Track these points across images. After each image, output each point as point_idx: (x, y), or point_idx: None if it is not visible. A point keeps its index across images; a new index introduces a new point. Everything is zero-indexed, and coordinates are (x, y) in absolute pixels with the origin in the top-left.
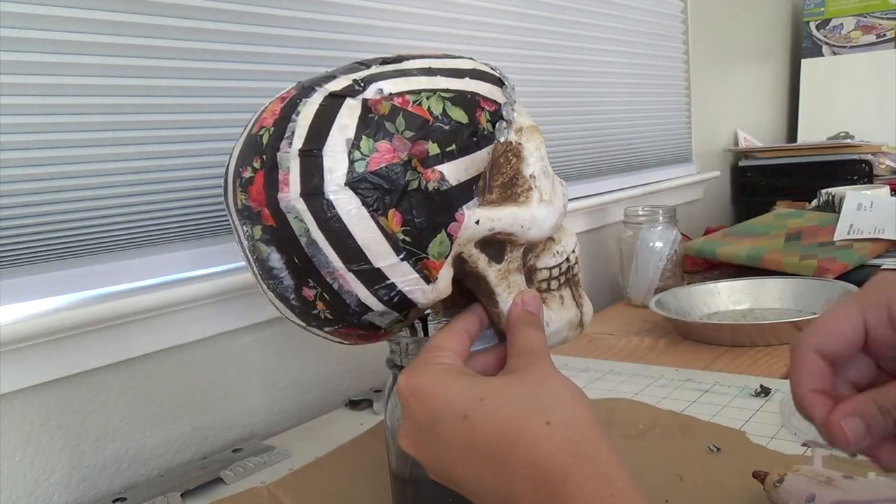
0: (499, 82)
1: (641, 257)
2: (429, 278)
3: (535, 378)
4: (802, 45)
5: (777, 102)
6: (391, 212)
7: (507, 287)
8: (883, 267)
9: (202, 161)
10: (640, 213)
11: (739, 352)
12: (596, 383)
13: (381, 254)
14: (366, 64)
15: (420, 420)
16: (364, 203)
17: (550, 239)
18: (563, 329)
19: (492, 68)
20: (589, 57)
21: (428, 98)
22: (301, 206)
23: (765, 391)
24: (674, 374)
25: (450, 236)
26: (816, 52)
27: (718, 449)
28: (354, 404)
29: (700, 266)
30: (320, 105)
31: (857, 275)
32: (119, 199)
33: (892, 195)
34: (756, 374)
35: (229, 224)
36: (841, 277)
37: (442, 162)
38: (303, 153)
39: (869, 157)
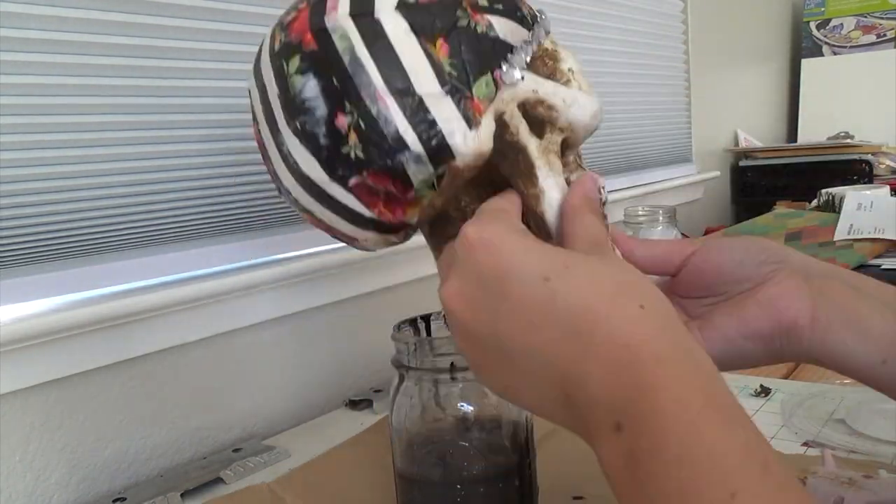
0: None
1: None
2: (471, 121)
3: (619, 263)
4: (802, 45)
5: (777, 102)
6: (439, 41)
7: (548, 164)
8: (883, 267)
9: (202, 161)
10: (640, 213)
11: None
12: None
13: (425, 81)
14: None
15: (486, 274)
16: (412, 28)
17: (579, 166)
18: None
19: None
20: (589, 57)
21: None
22: (349, 24)
23: (765, 391)
24: None
25: (495, 81)
26: (816, 52)
27: None
28: (354, 404)
29: None
30: None
31: None
32: (119, 199)
33: (892, 195)
34: (756, 374)
35: (229, 223)
36: None
37: (490, 14)
38: None
39: (869, 157)
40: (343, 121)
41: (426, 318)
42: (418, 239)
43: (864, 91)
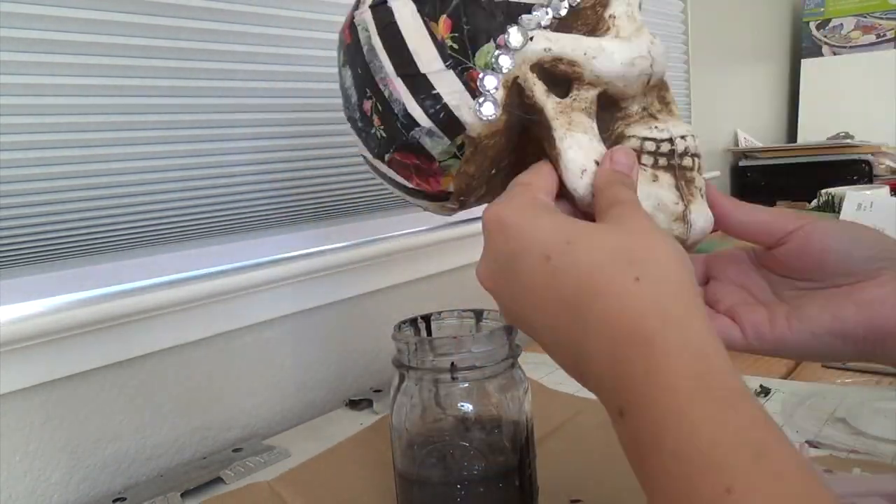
0: None
1: None
2: (475, 92)
3: (630, 229)
4: (802, 45)
5: (777, 102)
6: (442, 18)
7: (568, 123)
8: None
9: (202, 161)
10: None
11: None
12: None
13: (428, 60)
14: None
15: (501, 255)
16: (419, 9)
17: (651, 116)
18: (653, 211)
19: None
20: None
21: None
22: (368, 16)
23: (765, 391)
24: None
25: (498, 47)
26: (816, 52)
27: None
28: (354, 404)
29: None
30: None
31: None
32: (119, 199)
33: (892, 195)
34: (756, 374)
35: (229, 223)
36: None
37: None
38: None
39: (869, 157)
40: (368, 105)
41: (426, 318)
42: (417, 239)
43: (864, 91)
